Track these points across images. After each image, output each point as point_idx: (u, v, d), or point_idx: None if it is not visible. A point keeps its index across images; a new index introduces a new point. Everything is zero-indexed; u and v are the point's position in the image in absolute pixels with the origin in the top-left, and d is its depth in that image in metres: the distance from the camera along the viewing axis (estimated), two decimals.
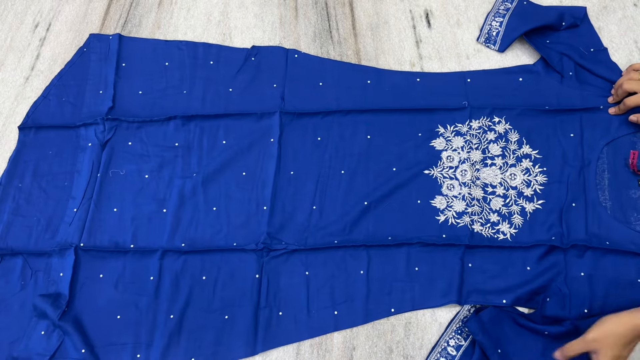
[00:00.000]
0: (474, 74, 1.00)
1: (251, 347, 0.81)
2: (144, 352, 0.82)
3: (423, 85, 0.99)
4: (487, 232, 0.87)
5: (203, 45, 1.07)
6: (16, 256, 0.90)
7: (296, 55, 1.03)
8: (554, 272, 0.82)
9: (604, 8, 1.05)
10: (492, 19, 1.05)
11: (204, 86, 1.02)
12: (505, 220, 0.87)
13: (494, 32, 1.04)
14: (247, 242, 0.88)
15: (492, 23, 1.05)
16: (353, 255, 0.86)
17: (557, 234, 0.85)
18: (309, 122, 0.96)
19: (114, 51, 1.05)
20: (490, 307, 0.80)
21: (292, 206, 0.91)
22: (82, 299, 0.86)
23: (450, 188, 0.91)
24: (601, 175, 0.88)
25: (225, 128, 0.97)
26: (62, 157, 0.97)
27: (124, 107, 1.01)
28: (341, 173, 0.92)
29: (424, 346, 0.81)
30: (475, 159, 0.92)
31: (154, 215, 0.91)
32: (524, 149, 0.92)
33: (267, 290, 0.85)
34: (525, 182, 0.90)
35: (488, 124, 0.94)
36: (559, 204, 0.87)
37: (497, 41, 1.02)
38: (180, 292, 0.85)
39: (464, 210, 0.88)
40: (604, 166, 0.89)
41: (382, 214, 0.89)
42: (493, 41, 1.03)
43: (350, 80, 1.00)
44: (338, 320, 0.83)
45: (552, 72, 0.97)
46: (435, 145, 0.94)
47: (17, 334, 0.84)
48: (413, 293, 0.84)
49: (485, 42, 1.03)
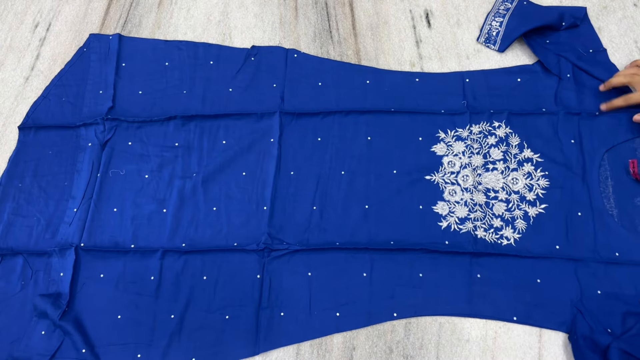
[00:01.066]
0: (473, 74, 0.99)
1: (252, 347, 0.81)
2: (144, 352, 0.82)
3: (422, 85, 0.99)
4: (490, 238, 0.86)
5: (203, 45, 1.06)
6: (16, 256, 0.90)
7: (295, 55, 1.03)
8: (566, 284, 0.81)
9: (604, 8, 1.05)
10: (492, 19, 1.05)
11: (204, 86, 1.01)
12: (508, 225, 0.87)
13: (494, 32, 1.03)
14: (248, 243, 0.88)
15: (492, 23, 1.04)
16: (355, 257, 0.86)
17: (562, 241, 0.84)
18: (309, 123, 0.96)
19: (114, 51, 1.05)
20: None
21: (292, 207, 0.90)
22: (83, 299, 0.86)
23: (452, 194, 0.90)
24: (605, 183, 0.87)
25: (225, 128, 0.97)
26: (62, 157, 0.97)
27: (124, 107, 1.00)
28: (341, 174, 0.92)
29: (424, 346, 0.81)
30: (477, 163, 0.91)
31: (154, 215, 0.91)
32: (525, 152, 0.92)
33: (268, 290, 0.85)
34: (527, 186, 0.89)
35: (488, 128, 0.94)
36: (563, 210, 0.87)
37: (497, 41, 1.02)
38: (181, 292, 0.85)
39: (467, 216, 0.88)
40: (606, 173, 0.88)
41: (384, 218, 0.89)
42: (493, 41, 1.03)
43: (349, 81, 1.00)
44: (340, 322, 0.82)
45: (550, 73, 0.97)
46: (436, 150, 0.93)
47: (17, 334, 0.84)
48: (416, 299, 0.83)
49: (485, 42, 1.03)
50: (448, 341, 0.82)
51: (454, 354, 0.81)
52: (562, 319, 0.80)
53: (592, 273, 0.81)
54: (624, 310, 0.77)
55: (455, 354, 0.81)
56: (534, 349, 0.80)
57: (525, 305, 0.81)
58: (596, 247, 0.83)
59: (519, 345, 0.81)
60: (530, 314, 0.81)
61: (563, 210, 0.87)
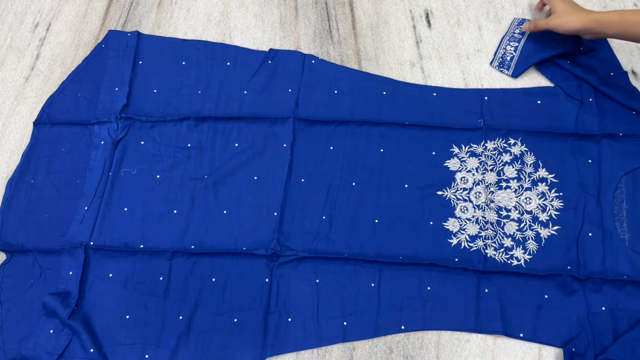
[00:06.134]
0: (492, 92, 0.98)
1: (259, 352, 0.82)
2: (152, 353, 0.82)
3: (439, 100, 0.98)
4: (500, 257, 0.86)
5: (221, 45, 1.05)
6: (26, 254, 0.89)
7: (313, 61, 1.02)
8: (573, 302, 0.82)
9: (604, 8, 1.06)
10: (506, 42, 1.03)
11: (219, 87, 1.00)
12: (519, 245, 0.87)
13: (508, 57, 1.02)
14: (257, 247, 0.88)
15: (507, 47, 1.03)
16: (364, 267, 0.86)
17: (572, 263, 0.85)
18: (322, 130, 0.96)
19: (131, 48, 1.03)
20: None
21: (301, 214, 0.90)
22: (91, 298, 0.86)
23: (463, 210, 0.90)
24: (619, 206, 0.88)
25: (238, 131, 0.97)
26: (75, 155, 0.96)
27: (138, 105, 1.00)
28: (352, 185, 0.92)
29: (424, 346, 0.83)
30: (490, 181, 0.92)
31: (165, 215, 0.91)
32: (540, 172, 0.92)
33: (277, 295, 0.85)
34: (540, 206, 0.89)
35: (503, 145, 0.94)
36: (575, 231, 0.87)
37: (511, 66, 1.01)
38: (189, 293, 0.86)
39: (477, 234, 0.88)
40: (622, 196, 0.88)
41: (393, 233, 0.89)
42: (507, 66, 1.01)
43: (365, 90, 1.00)
44: (347, 332, 0.83)
45: (572, 97, 0.96)
46: (449, 165, 0.93)
47: (26, 332, 0.84)
48: (425, 312, 0.84)
49: (498, 66, 1.02)
50: (448, 341, 0.83)
51: (454, 354, 0.82)
52: (568, 336, 0.81)
53: (597, 290, 0.82)
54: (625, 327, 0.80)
55: (455, 354, 0.82)
56: (534, 349, 0.82)
57: (531, 321, 0.83)
58: (605, 268, 0.84)
59: (519, 345, 0.82)
60: (537, 331, 0.82)
61: (575, 231, 0.87)
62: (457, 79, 1.02)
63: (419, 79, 1.02)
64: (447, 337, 0.83)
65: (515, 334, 0.82)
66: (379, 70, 1.03)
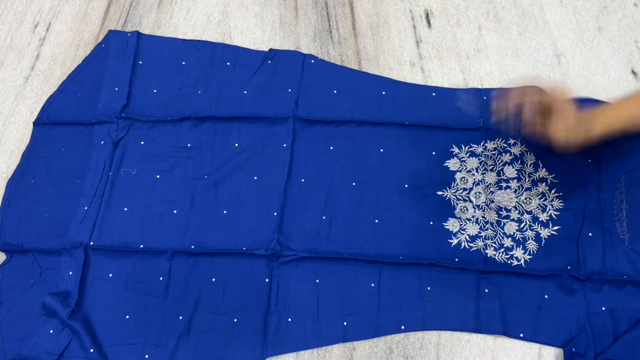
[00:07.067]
0: (492, 92, 0.98)
1: (259, 351, 0.82)
2: (152, 353, 0.82)
3: (438, 100, 0.98)
4: (500, 257, 0.86)
5: (221, 45, 1.05)
6: (26, 254, 0.89)
7: (313, 61, 1.02)
8: (573, 302, 0.82)
9: (604, 8, 1.06)
10: None
11: (218, 87, 1.01)
12: (519, 245, 0.87)
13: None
14: (257, 247, 0.88)
15: None
16: (364, 267, 0.86)
17: (572, 263, 0.85)
18: (322, 130, 0.96)
19: (131, 48, 1.03)
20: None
21: (301, 215, 0.91)
22: (91, 298, 0.86)
23: (463, 210, 0.90)
24: (619, 206, 0.87)
25: (238, 131, 0.97)
26: (75, 155, 0.96)
27: (138, 105, 1.00)
28: (352, 185, 0.92)
29: (424, 346, 0.83)
30: (490, 181, 0.91)
31: (164, 215, 0.91)
32: (540, 172, 0.91)
33: (277, 295, 0.85)
34: (540, 206, 0.89)
35: (503, 145, 0.94)
36: (575, 231, 0.87)
37: None
38: (189, 293, 0.86)
39: (477, 234, 0.88)
40: (622, 197, 0.88)
41: (393, 233, 0.89)
42: None
43: (365, 90, 1.00)
44: (347, 332, 0.83)
45: None
46: (449, 165, 0.93)
47: (26, 332, 0.83)
48: (425, 312, 0.84)
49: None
50: (448, 341, 0.83)
51: (454, 354, 0.82)
52: (568, 336, 0.81)
53: (597, 290, 0.82)
54: (625, 327, 0.80)
55: (455, 354, 0.82)
56: (534, 349, 0.82)
57: (531, 321, 0.83)
58: (605, 268, 0.84)
59: (519, 345, 0.82)
60: (537, 331, 0.82)
61: (575, 231, 0.87)
62: (457, 79, 1.02)
63: (419, 79, 1.02)
64: (447, 337, 0.83)
65: (515, 334, 0.82)
66: (379, 70, 1.03)
